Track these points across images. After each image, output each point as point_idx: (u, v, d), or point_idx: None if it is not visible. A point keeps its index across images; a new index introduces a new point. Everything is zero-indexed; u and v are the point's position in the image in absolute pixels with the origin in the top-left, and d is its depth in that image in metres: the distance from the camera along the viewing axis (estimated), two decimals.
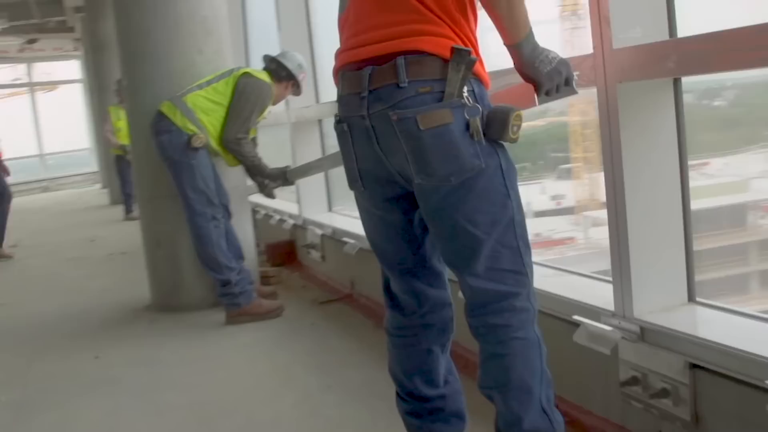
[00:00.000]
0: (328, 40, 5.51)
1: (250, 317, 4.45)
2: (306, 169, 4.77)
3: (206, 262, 4.49)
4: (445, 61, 1.95)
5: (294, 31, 5.35)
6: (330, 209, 5.50)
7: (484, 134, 1.96)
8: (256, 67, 4.82)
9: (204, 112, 4.41)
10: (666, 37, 2.39)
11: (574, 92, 2.15)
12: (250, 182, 4.89)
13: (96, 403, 3.46)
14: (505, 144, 2.03)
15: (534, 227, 4.35)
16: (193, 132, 4.35)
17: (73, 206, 12.45)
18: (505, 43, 2.01)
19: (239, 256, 4.66)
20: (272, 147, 5.29)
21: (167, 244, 4.86)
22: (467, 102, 1.96)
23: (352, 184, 2.20)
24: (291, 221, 5.54)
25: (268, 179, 4.68)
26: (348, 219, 5.17)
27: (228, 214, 4.64)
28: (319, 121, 5.47)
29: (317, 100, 5.40)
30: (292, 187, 5.18)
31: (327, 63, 5.33)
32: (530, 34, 2.00)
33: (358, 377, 3.43)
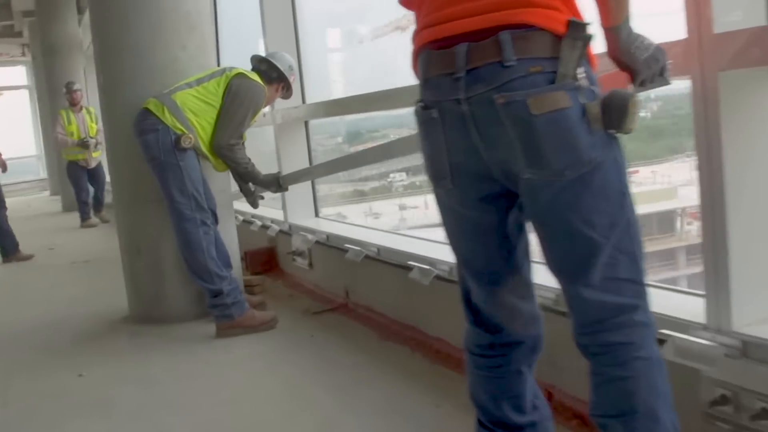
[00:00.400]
0: (314, 38, 5.13)
1: (243, 329, 4.04)
2: (299, 176, 4.42)
3: (196, 270, 4.06)
4: (557, 36, 1.63)
5: (280, 30, 4.95)
6: (317, 214, 5.10)
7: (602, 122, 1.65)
8: (230, 63, 4.46)
9: (193, 113, 4.01)
10: (763, 22, 2.06)
11: (668, 83, 1.84)
12: (235, 188, 4.48)
13: (90, 428, 3.05)
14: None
15: None
16: (182, 132, 3.93)
17: (24, 214, 11.79)
18: (603, 25, 1.72)
19: (227, 264, 4.24)
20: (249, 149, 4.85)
21: (148, 251, 4.42)
22: (583, 84, 1.63)
23: (438, 180, 1.86)
24: (276, 227, 5.11)
25: (261, 186, 4.29)
26: (339, 224, 4.80)
27: (215, 219, 4.21)
28: (306, 123, 5.06)
29: (303, 101, 5.00)
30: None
31: (313, 62, 4.97)
32: (629, 17, 1.72)
33: (377, 396, 3.08)
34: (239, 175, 4.24)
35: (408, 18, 2.02)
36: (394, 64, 4.38)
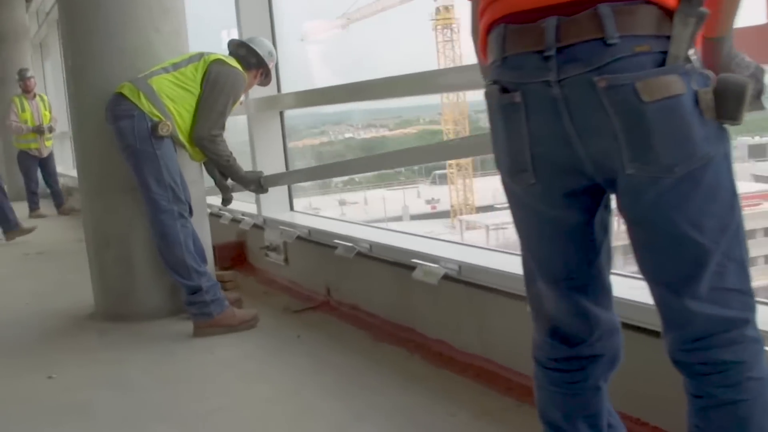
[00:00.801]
0: (290, 24, 4.78)
1: (223, 329, 3.69)
2: (280, 178, 4.12)
3: (172, 266, 3.69)
4: (665, 12, 1.36)
5: (255, 13, 4.58)
6: (292, 208, 4.75)
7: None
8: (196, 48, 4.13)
9: (171, 99, 3.65)
10: None
11: (763, 107, 1.56)
12: (208, 181, 4.13)
13: None
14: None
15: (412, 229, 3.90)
16: (159, 118, 3.56)
17: None
18: (705, 35, 1.45)
19: (204, 259, 3.87)
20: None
21: (118, 243, 4.03)
22: (696, 68, 1.37)
23: (516, 174, 1.56)
24: (250, 220, 4.74)
25: (241, 183, 3.95)
26: (317, 219, 4.46)
27: (191, 212, 3.84)
28: (281, 113, 4.71)
29: (279, 90, 4.64)
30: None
31: (289, 49, 4.63)
32: (733, 30, 1.47)
33: (386, 402, 2.78)
34: (220, 169, 3.89)
35: None
36: (377, 52, 4.09)
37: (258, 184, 4.03)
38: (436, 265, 3.03)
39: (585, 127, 1.42)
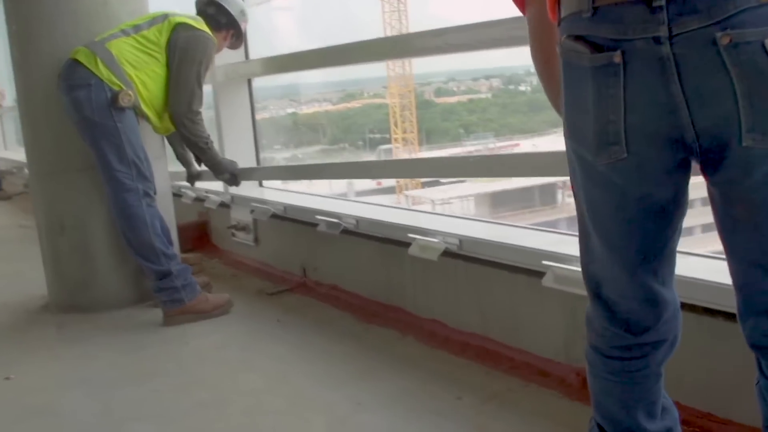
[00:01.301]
0: None
1: (195, 315, 3.47)
2: (253, 172, 4.09)
3: (138, 249, 3.46)
4: None
5: None
6: (261, 184, 4.53)
7: None
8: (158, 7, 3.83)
9: (132, 65, 3.39)
10: None
11: None
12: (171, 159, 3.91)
13: None
14: None
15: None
16: (119, 87, 3.31)
17: None
18: None
19: (170, 241, 3.64)
20: None
21: (74, 228, 3.76)
22: None
23: (602, 148, 1.36)
24: (216, 198, 4.50)
25: (215, 170, 3.74)
26: (291, 195, 4.26)
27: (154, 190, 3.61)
28: (249, 81, 4.48)
29: (247, 56, 4.41)
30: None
31: (259, 11, 4.40)
32: None
33: (386, 389, 2.62)
34: (195, 152, 3.66)
35: None
36: (356, 17, 3.89)
37: (232, 174, 3.82)
38: (436, 240, 2.86)
39: (698, 93, 1.25)
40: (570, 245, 2.57)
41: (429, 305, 3.10)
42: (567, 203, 22.57)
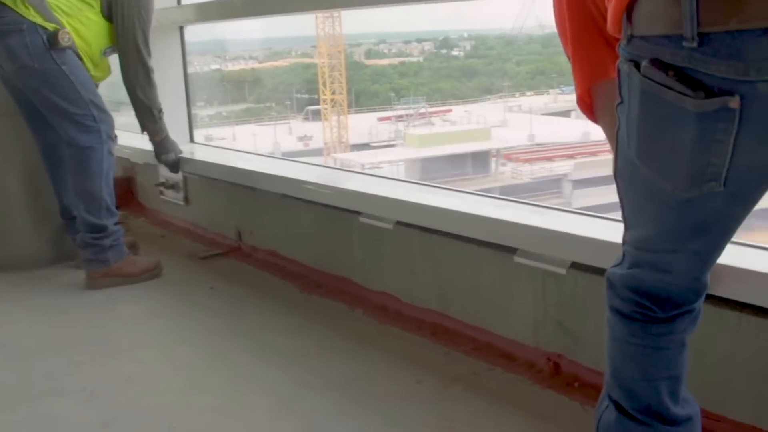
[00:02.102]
0: None
1: (122, 279, 3.23)
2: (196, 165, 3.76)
3: (83, 196, 3.19)
4: None
5: None
6: (192, 139, 4.26)
7: None
8: None
9: (64, 12, 3.10)
10: None
11: None
12: None
13: None
14: None
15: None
16: (55, 28, 3.01)
17: None
18: None
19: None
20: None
21: None
22: None
23: (696, 185, 1.21)
24: (142, 153, 4.19)
25: (157, 146, 3.51)
26: (226, 152, 4.01)
27: None
28: (181, 29, 4.19)
29: (179, 1, 4.12)
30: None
31: None
32: None
33: (336, 368, 2.44)
34: (145, 122, 3.38)
35: None
36: None
37: (176, 158, 3.60)
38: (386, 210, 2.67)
39: None
40: (543, 217, 2.43)
41: (379, 277, 2.92)
42: (501, 172, 22.70)
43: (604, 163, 21.61)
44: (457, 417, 2.10)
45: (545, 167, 21.93)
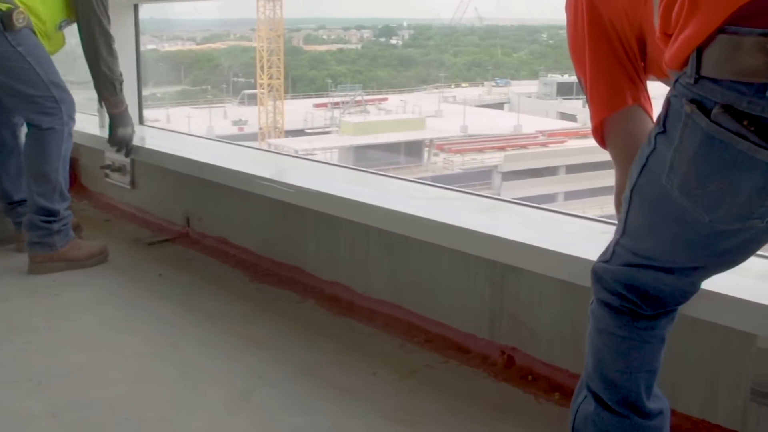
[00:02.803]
0: None
1: (66, 263, 3.12)
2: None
3: (37, 179, 3.06)
4: None
5: None
6: (141, 121, 4.14)
7: None
8: None
9: None
10: None
11: None
12: None
13: None
14: None
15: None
16: (8, 7, 2.87)
17: None
18: None
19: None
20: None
21: None
22: None
23: (741, 221, 1.20)
24: (87, 134, 4.06)
25: (121, 121, 3.37)
26: (177, 135, 3.90)
27: None
28: (135, 7, 4.05)
29: None
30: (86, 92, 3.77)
31: None
32: None
33: (291, 359, 2.39)
34: (108, 92, 3.23)
35: None
36: None
37: (133, 132, 3.48)
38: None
39: None
40: (501, 211, 2.41)
41: (332, 267, 2.87)
42: (433, 162, 22.83)
43: (534, 156, 21.87)
44: (415, 409, 2.07)
45: (476, 158, 22.12)
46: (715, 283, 1.64)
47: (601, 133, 1.54)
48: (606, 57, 1.48)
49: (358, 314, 2.68)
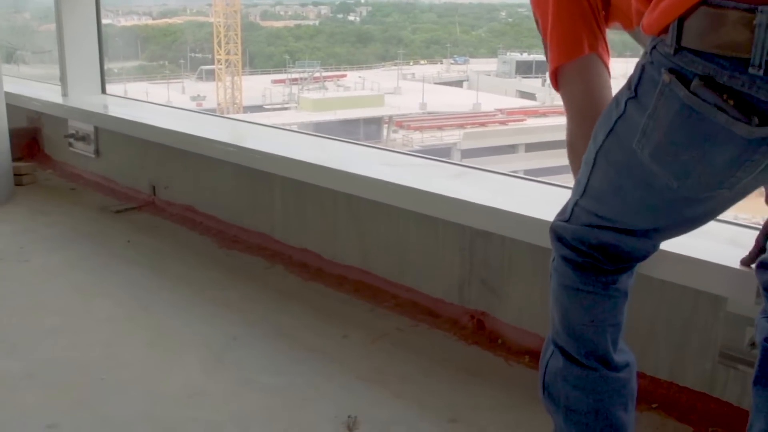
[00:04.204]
0: None
1: None
2: None
3: None
4: None
5: None
6: (104, 90, 4.10)
7: None
8: None
9: None
10: None
11: None
12: None
13: None
14: None
15: None
16: None
17: None
18: None
19: None
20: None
21: None
22: None
23: (710, 190, 1.25)
24: (49, 103, 4.02)
25: None
26: (141, 104, 3.88)
27: None
28: None
29: None
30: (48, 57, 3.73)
31: None
32: None
33: (263, 323, 2.42)
34: None
35: None
36: None
37: None
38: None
39: None
40: (467, 177, 2.45)
41: (300, 234, 2.89)
42: (392, 139, 22.83)
43: (493, 134, 21.98)
44: (387, 370, 2.11)
45: (435, 136, 22.17)
46: (685, 247, 1.70)
47: (555, 79, 1.56)
48: (568, 3, 1.49)
49: (326, 280, 2.71)
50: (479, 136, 21.70)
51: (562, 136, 1.62)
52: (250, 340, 2.27)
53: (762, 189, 1.40)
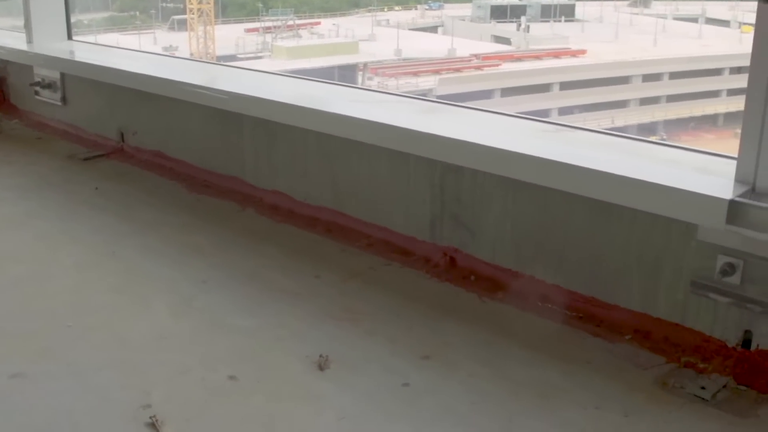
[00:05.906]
0: None
1: None
2: None
3: None
4: None
5: None
6: (70, 36, 3.98)
7: None
8: None
9: None
10: None
11: None
12: None
13: None
14: None
15: None
16: None
17: None
18: None
19: None
20: None
21: None
22: None
23: None
24: (14, 49, 3.90)
25: None
26: (107, 50, 3.77)
27: None
28: None
29: None
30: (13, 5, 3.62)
31: None
32: None
33: (233, 264, 2.37)
34: None
35: None
36: None
37: None
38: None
39: None
40: (438, 112, 2.40)
41: (271, 176, 2.83)
42: (367, 86, 22.69)
43: (468, 79, 21.86)
44: (360, 309, 2.07)
45: (411, 82, 22.04)
46: (656, 174, 1.67)
47: None
48: None
49: (298, 221, 2.66)
50: (455, 82, 21.57)
51: (538, 80, 1.55)
52: (220, 284, 2.23)
53: (737, 130, 1.34)
